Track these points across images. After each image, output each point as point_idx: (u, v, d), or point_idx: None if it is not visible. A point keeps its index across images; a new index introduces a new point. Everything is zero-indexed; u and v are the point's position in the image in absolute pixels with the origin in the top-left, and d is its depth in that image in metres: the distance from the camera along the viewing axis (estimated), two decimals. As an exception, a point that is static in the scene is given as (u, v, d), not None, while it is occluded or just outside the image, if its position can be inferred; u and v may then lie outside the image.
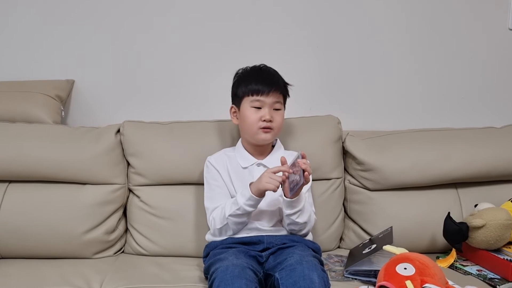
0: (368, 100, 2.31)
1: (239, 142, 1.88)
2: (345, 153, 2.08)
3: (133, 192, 1.99)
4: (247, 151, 1.84)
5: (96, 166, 1.91)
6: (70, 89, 2.20)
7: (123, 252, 1.99)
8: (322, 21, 2.25)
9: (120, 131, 1.98)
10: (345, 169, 2.08)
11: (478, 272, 1.79)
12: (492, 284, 1.72)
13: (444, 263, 1.85)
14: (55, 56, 2.21)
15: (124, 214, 2.01)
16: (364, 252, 1.78)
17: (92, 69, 2.23)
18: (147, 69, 2.24)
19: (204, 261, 1.74)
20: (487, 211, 1.85)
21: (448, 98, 2.34)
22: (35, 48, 2.21)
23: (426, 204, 1.99)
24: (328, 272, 1.70)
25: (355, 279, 1.72)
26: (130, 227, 1.99)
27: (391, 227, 1.83)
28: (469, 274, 1.79)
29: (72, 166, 1.90)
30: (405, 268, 1.50)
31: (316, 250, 1.73)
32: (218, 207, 1.75)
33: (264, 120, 1.74)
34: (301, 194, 1.68)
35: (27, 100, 2.05)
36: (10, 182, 1.92)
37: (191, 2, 2.21)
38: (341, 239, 2.07)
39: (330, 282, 1.56)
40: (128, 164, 1.99)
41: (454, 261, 1.85)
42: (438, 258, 1.91)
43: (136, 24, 2.21)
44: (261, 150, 1.84)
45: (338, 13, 2.25)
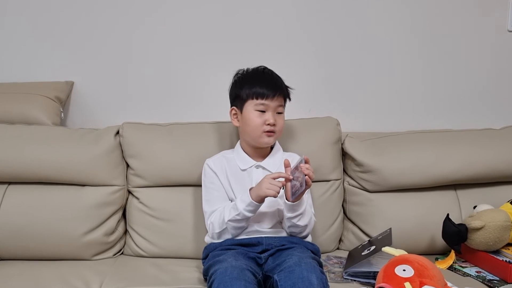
0: (367, 102, 2.31)
1: (237, 144, 1.88)
2: (344, 154, 2.08)
3: (132, 194, 1.99)
4: (246, 153, 1.84)
5: (96, 167, 1.91)
6: (69, 90, 2.20)
7: (122, 253, 1.99)
8: (321, 22, 2.25)
9: (120, 132, 1.98)
10: (344, 170, 2.08)
11: (477, 274, 1.79)
12: (491, 285, 1.72)
13: (443, 264, 1.85)
14: (54, 58, 2.21)
15: (124, 215, 2.01)
16: (363, 253, 1.78)
17: (91, 70, 2.23)
18: (147, 70, 2.24)
19: (203, 262, 1.74)
20: (486, 212, 1.85)
21: (447, 99, 2.34)
22: (34, 49, 2.21)
23: (425, 205, 1.99)
24: (327, 274, 1.70)
25: (354, 280, 1.72)
26: (129, 229, 1.99)
27: (390, 229, 1.83)
28: (468, 276, 1.79)
29: (72, 167, 1.90)
30: (404, 270, 1.50)
31: (315, 252, 1.73)
32: (216, 211, 1.75)
33: (268, 124, 1.75)
34: (302, 197, 1.69)
35: (27, 101, 2.05)
36: (10, 183, 1.92)
37: (190, 3, 2.21)
38: (340, 240, 2.07)
39: (329, 284, 1.56)
40: (128, 165, 1.99)
41: (453, 262, 1.86)
42: (437, 259, 1.91)
43: (135, 26, 2.21)
44: (260, 152, 1.84)
45: (338, 14, 2.25)
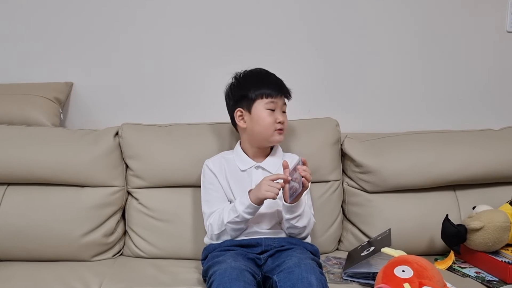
0: (367, 103, 2.31)
1: (237, 145, 1.88)
2: (343, 155, 2.08)
3: (131, 195, 1.99)
4: (246, 153, 1.84)
5: (95, 168, 1.91)
6: (68, 91, 2.20)
7: (121, 254, 1.99)
8: (320, 22, 2.25)
9: (119, 133, 1.98)
10: (343, 171, 2.08)
11: (476, 274, 1.79)
12: (490, 286, 1.72)
13: (442, 265, 1.85)
14: (53, 59, 2.21)
15: (123, 216, 2.01)
16: (362, 254, 1.78)
17: (90, 71, 2.23)
18: (146, 71, 2.24)
19: (202, 263, 1.74)
20: (485, 213, 1.85)
21: (446, 100, 2.34)
22: (33, 50, 2.21)
23: (424, 206, 1.99)
24: (326, 275, 1.71)
25: (354, 281, 1.72)
26: (128, 230, 1.99)
27: (390, 229, 1.83)
28: (467, 276, 1.79)
29: (71, 168, 1.90)
30: (403, 271, 1.50)
31: (314, 253, 1.73)
32: (215, 212, 1.75)
33: (279, 122, 1.77)
34: (301, 199, 1.69)
35: (26, 102, 2.05)
36: (9, 184, 1.92)
37: (190, 4, 2.21)
38: (339, 241, 2.07)
39: (329, 285, 1.57)
40: (127, 166, 1.99)
41: (452, 263, 1.86)
42: (436, 260, 1.91)
43: (134, 27, 2.21)
44: (261, 153, 1.85)
45: (337, 14, 2.25)
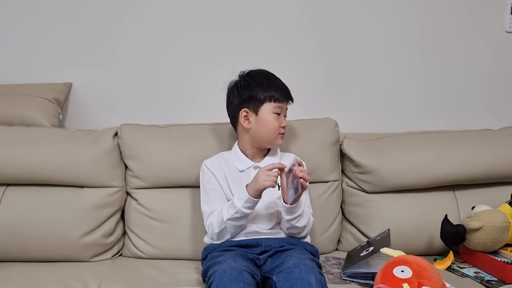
0: (366, 103, 2.32)
1: (235, 145, 1.88)
2: (342, 155, 2.08)
3: (130, 195, 1.99)
4: (245, 154, 1.84)
5: (94, 169, 1.91)
6: (68, 92, 2.20)
7: (121, 255, 1.99)
8: (320, 23, 2.26)
9: (118, 134, 1.98)
10: (342, 171, 2.08)
11: (475, 274, 1.79)
12: (489, 286, 1.72)
13: (441, 265, 1.85)
14: (53, 59, 2.22)
15: (122, 217, 2.01)
16: (361, 254, 1.78)
17: (90, 72, 2.23)
18: (145, 72, 2.24)
19: (202, 264, 1.74)
20: (484, 213, 1.85)
21: (445, 100, 2.35)
22: (32, 51, 2.21)
23: (423, 206, 1.99)
24: (325, 275, 1.71)
25: (353, 281, 1.72)
26: (128, 230, 1.99)
27: (389, 230, 1.83)
28: (466, 276, 1.79)
29: (70, 169, 1.90)
30: (402, 271, 1.50)
31: (314, 253, 1.73)
32: (214, 211, 1.75)
33: (283, 126, 1.80)
34: (300, 199, 1.69)
35: (25, 103, 2.05)
36: (8, 185, 1.92)
37: (189, 4, 2.21)
38: (338, 241, 2.07)
39: (328, 285, 1.57)
40: (126, 167, 1.99)
41: (452, 263, 1.86)
42: (435, 260, 1.91)
43: (133, 27, 2.21)
44: (260, 153, 1.85)
45: (336, 15, 2.26)
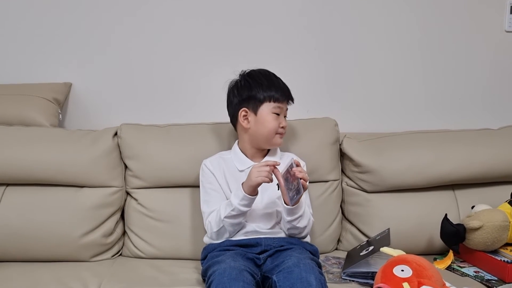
0: (365, 102, 2.32)
1: (235, 145, 1.88)
2: (342, 155, 2.08)
3: (130, 195, 1.99)
4: (244, 154, 1.84)
5: (94, 169, 1.91)
6: (67, 92, 2.20)
7: (120, 255, 1.99)
8: (320, 23, 2.26)
9: (118, 134, 1.98)
10: (342, 171, 2.08)
11: (475, 274, 1.79)
12: (489, 285, 1.72)
13: (441, 264, 1.85)
14: (52, 59, 2.21)
15: (122, 217, 2.01)
16: (361, 254, 1.78)
17: (89, 72, 2.23)
18: (144, 71, 2.24)
19: (201, 263, 1.74)
20: (484, 212, 1.85)
21: (445, 100, 2.35)
22: (32, 51, 2.21)
23: (423, 205, 1.99)
24: (325, 274, 1.71)
25: (353, 281, 1.73)
26: (127, 230, 1.98)
27: (389, 229, 1.83)
28: (466, 276, 1.79)
29: (70, 169, 1.90)
30: (402, 270, 1.50)
31: (313, 253, 1.73)
32: (214, 211, 1.75)
33: (282, 127, 1.79)
34: (301, 200, 1.69)
35: (25, 103, 2.05)
36: (8, 185, 1.92)
37: (189, 4, 2.21)
38: (338, 241, 2.07)
39: (328, 284, 1.57)
40: (126, 167, 1.99)
41: (452, 262, 1.86)
42: (435, 259, 1.91)
43: (132, 27, 2.21)
44: (260, 153, 1.85)
45: (336, 15, 2.26)
